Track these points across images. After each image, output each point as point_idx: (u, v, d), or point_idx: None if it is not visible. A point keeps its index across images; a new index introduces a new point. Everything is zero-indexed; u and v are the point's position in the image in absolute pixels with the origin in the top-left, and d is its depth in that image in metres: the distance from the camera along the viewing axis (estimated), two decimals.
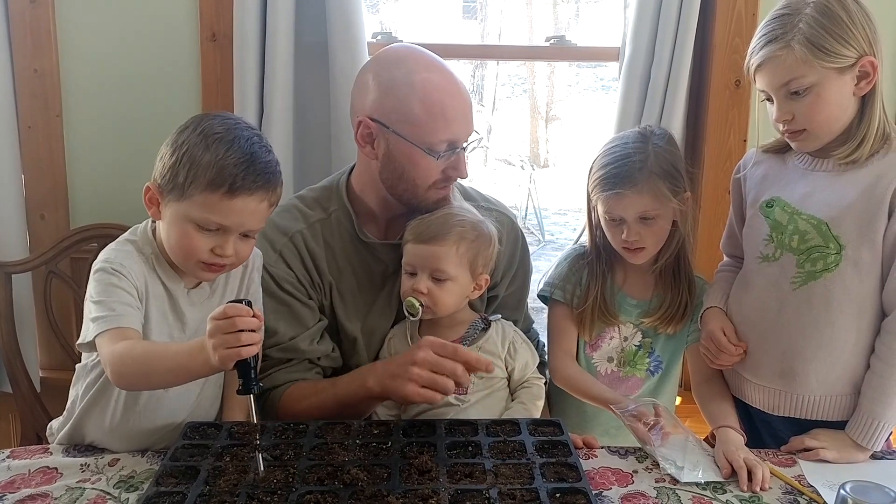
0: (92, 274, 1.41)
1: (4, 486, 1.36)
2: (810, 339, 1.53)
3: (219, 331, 1.20)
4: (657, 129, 1.73)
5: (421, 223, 1.61)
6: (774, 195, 1.59)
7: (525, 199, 8.61)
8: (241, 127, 1.42)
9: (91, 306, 1.38)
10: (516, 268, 1.80)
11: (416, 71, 1.57)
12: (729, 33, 2.16)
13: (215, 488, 1.25)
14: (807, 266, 1.52)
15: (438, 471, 1.30)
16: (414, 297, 1.59)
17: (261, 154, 1.41)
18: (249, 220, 1.41)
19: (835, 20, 1.43)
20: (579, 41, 2.53)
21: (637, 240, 1.66)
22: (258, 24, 2.14)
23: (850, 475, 1.32)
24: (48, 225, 2.35)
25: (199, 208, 1.37)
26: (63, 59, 2.28)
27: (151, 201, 1.42)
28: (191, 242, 1.39)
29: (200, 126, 1.39)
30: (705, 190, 2.24)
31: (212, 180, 1.35)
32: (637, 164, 1.63)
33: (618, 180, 1.63)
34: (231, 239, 1.41)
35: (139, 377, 1.32)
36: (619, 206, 1.65)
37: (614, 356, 1.79)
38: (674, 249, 1.73)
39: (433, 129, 1.56)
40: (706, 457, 1.47)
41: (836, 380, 1.54)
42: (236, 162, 1.36)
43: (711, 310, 1.69)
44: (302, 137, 2.26)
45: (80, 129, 2.33)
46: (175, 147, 1.39)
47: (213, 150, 1.36)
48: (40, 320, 2.36)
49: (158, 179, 1.40)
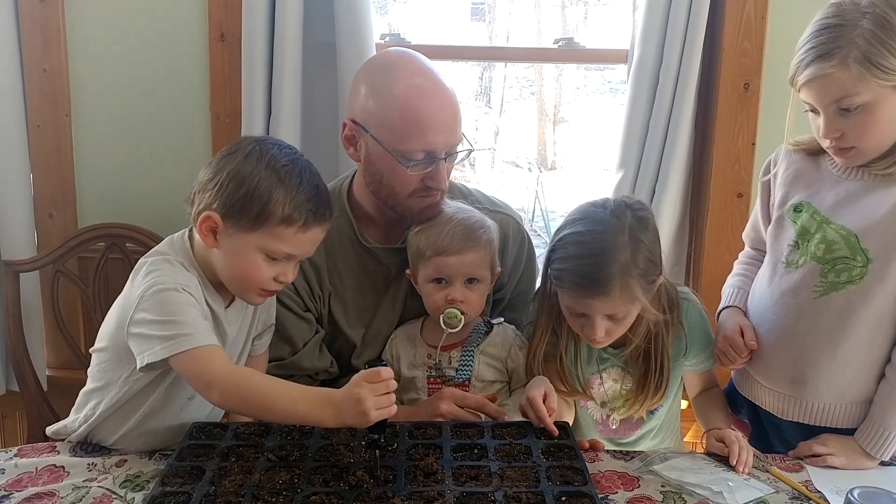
0: (152, 294, 1.36)
1: (12, 483, 1.36)
2: (825, 349, 1.51)
3: (375, 392, 1.24)
4: (635, 204, 1.53)
5: (440, 236, 1.59)
6: (804, 199, 1.54)
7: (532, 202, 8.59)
8: (300, 158, 1.46)
9: (155, 322, 1.34)
10: (522, 270, 1.80)
11: (400, 77, 1.56)
12: (738, 36, 2.15)
13: (221, 488, 1.25)
14: (830, 276, 1.49)
15: (444, 473, 1.30)
16: (454, 308, 1.59)
17: (322, 185, 1.45)
18: (313, 248, 1.47)
19: (894, 34, 1.34)
20: (588, 43, 2.53)
21: (602, 335, 1.50)
22: (266, 24, 2.14)
23: (858, 481, 1.31)
24: (56, 224, 2.35)
25: (272, 240, 1.39)
26: (72, 59, 2.29)
27: (210, 230, 1.41)
28: (258, 273, 1.41)
29: (264, 158, 1.40)
30: (713, 194, 2.23)
31: (288, 216, 1.38)
32: (610, 264, 1.43)
33: (586, 283, 1.45)
34: (293, 266, 1.45)
35: (251, 407, 1.34)
36: (584, 306, 1.48)
37: (608, 401, 1.66)
38: (644, 335, 1.56)
39: (407, 136, 1.54)
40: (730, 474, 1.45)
41: (846, 388, 1.53)
42: (308, 197, 1.40)
43: (729, 310, 1.66)
44: (309, 138, 2.26)
45: (88, 129, 2.33)
46: (241, 178, 1.38)
47: (286, 184, 1.39)
48: (47, 319, 2.37)
49: (221, 210, 1.39)
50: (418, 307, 1.71)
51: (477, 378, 1.65)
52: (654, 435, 1.70)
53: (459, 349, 1.66)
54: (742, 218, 2.23)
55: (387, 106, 1.55)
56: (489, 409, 1.54)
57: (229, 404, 1.37)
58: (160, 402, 1.48)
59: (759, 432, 1.69)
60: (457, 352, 1.66)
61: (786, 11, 2.14)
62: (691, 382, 1.74)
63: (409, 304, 1.73)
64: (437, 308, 1.61)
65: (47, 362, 2.42)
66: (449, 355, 1.66)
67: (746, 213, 2.22)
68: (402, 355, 1.70)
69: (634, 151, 2.22)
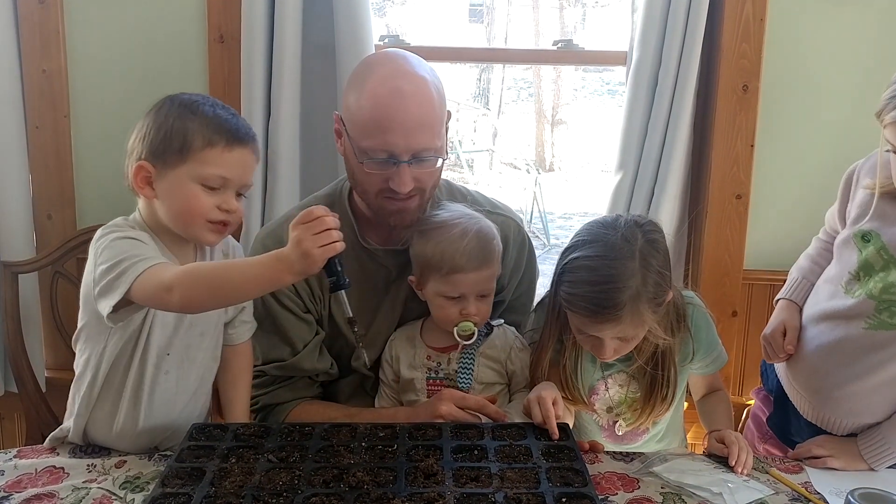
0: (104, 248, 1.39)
1: (11, 485, 1.36)
2: (858, 376, 1.52)
3: (309, 231, 1.28)
4: (646, 225, 1.52)
5: (458, 252, 1.56)
6: (875, 228, 1.52)
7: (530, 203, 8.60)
8: (211, 98, 1.52)
9: (110, 267, 1.35)
10: (523, 272, 1.80)
11: (375, 76, 1.55)
12: (737, 38, 2.15)
13: (221, 490, 1.25)
14: (884, 315, 1.48)
15: (444, 474, 1.29)
16: (468, 321, 1.60)
17: (236, 114, 1.51)
18: (247, 173, 1.49)
19: None
20: (586, 45, 2.54)
21: (612, 354, 1.52)
22: (266, 25, 2.14)
23: (858, 482, 1.32)
24: (55, 225, 2.35)
25: (202, 165, 1.42)
26: (71, 60, 2.29)
27: (144, 180, 1.45)
28: (198, 202, 1.43)
29: (174, 102, 1.47)
30: (711, 195, 2.23)
31: (209, 138, 1.42)
32: (622, 292, 1.42)
33: (597, 309, 1.44)
34: (232, 195, 1.47)
35: (213, 292, 1.34)
36: (593, 329, 1.49)
37: (613, 407, 1.66)
38: (651, 351, 1.57)
39: (367, 134, 1.54)
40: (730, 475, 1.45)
41: (863, 411, 1.54)
42: (224, 119, 1.46)
43: (783, 304, 1.67)
44: (309, 139, 2.26)
45: (87, 130, 2.33)
46: (159, 123, 1.44)
47: (199, 113, 1.44)
48: (46, 320, 2.36)
49: (147, 157, 1.44)
50: (418, 308, 1.71)
51: (476, 380, 1.65)
52: (659, 439, 1.70)
53: (459, 351, 1.66)
54: (741, 219, 2.24)
55: (357, 103, 1.56)
56: (489, 411, 1.54)
57: (193, 298, 1.33)
58: (137, 380, 1.48)
59: (781, 410, 1.70)
60: (456, 353, 1.66)
61: (784, 13, 2.15)
62: (696, 385, 1.74)
63: (409, 305, 1.73)
64: (451, 321, 1.61)
65: (46, 363, 2.42)
66: (448, 356, 1.66)
67: (745, 215, 2.23)
68: (401, 356, 1.70)
69: (633, 153, 2.22)
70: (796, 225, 2.15)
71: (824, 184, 1.72)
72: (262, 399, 1.72)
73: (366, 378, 1.77)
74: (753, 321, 2.29)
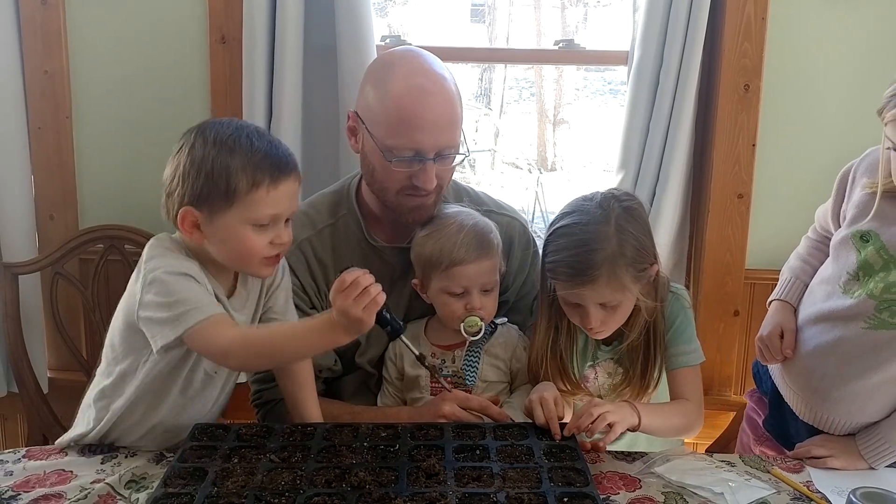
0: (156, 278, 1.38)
1: (20, 485, 1.37)
2: (857, 376, 1.51)
3: (349, 298, 1.28)
4: (622, 196, 1.56)
5: (455, 246, 1.58)
6: (874, 229, 1.50)
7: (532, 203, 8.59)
8: (244, 125, 1.46)
9: (163, 304, 1.36)
10: (527, 273, 1.81)
11: (398, 74, 1.58)
12: (738, 37, 2.15)
13: (223, 490, 1.25)
14: (884, 315, 1.47)
15: (446, 474, 1.30)
16: (475, 315, 1.60)
17: (274, 140, 1.46)
18: (294, 202, 1.47)
19: None
20: (588, 45, 2.54)
21: (599, 325, 1.55)
22: (267, 26, 2.15)
23: (860, 482, 1.32)
24: (57, 225, 2.35)
25: (251, 207, 1.40)
26: (73, 61, 2.29)
27: (192, 226, 1.42)
28: (252, 244, 1.42)
29: (208, 138, 1.41)
30: (713, 195, 2.23)
31: (254, 176, 1.39)
32: (597, 253, 1.48)
33: (574, 272, 1.49)
34: (282, 226, 1.45)
35: (268, 361, 1.44)
36: (576, 296, 1.52)
37: (603, 395, 1.66)
38: (641, 328, 1.59)
39: (395, 133, 1.55)
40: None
41: (862, 411, 1.53)
42: (265, 154, 1.41)
43: (777, 305, 1.67)
44: (310, 140, 2.26)
45: (89, 131, 2.34)
46: (197, 163, 1.39)
47: (238, 152, 1.39)
48: (48, 321, 2.36)
49: (192, 202, 1.40)
50: (422, 306, 1.72)
51: (480, 378, 1.65)
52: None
53: (465, 348, 1.66)
54: (743, 219, 2.23)
55: (381, 101, 1.57)
56: (492, 412, 1.54)
57: (249, 364, 1.42)
58: (185, 382, 1.49)
59: (777, 411, 1.70)
60: (461, 351, 1.66)
61: (786, 12, 2.15)
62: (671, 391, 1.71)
63: (414, 303, 1.73)
64: (456, 317, 1.61)
65: (47, 364, 2.42)
66: (453, 354, 1.66)
67: (747, 214, 2.23)
68: (405, 354, 1.70)
69: (635, 153, 2.22)
70: (798, 224, 2.13)
71: (826, 183, 1.71)
72: (266, 394, 1.72)
73: (369, 375, 1.77)
74: (755, 320, 2.28)
